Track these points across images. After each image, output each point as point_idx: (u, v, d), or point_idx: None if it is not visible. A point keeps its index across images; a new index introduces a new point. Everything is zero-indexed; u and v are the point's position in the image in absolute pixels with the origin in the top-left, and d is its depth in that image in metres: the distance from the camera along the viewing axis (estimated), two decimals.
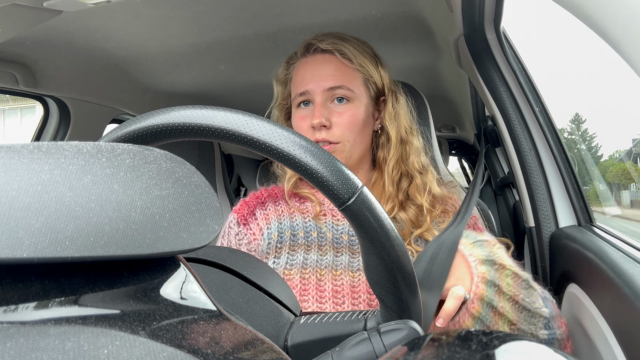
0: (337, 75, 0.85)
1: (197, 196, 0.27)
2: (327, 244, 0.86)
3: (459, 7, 0.94)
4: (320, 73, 0.85)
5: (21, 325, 0.19)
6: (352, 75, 0.86)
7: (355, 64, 0.86)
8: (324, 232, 0.87)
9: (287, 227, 0.89)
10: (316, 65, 0.87)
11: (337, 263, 0.83)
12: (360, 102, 0.86)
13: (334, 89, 0.84)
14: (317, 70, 0.86)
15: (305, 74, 0.87)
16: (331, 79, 0.84)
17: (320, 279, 0.81)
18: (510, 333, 0.26)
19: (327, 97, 0.85)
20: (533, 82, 1.04)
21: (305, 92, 0.86)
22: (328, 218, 0.89)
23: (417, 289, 0.41)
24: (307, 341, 0.45)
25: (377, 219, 0.37)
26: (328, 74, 0.85)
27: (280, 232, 0.88)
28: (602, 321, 0.66)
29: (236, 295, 0.45)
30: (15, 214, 0.20)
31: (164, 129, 0.37)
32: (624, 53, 0.41)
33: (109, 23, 1.18)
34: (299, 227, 0.88)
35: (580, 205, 0.95)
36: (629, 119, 10.74)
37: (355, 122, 0.85)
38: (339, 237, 0.86)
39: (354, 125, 0.85)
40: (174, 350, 0.21)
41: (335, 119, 0.84)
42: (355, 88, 0.86)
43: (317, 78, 0.85)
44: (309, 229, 0.88)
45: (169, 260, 0.27)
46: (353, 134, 0.85)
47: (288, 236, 0.88)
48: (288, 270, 0.83)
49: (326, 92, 0.85)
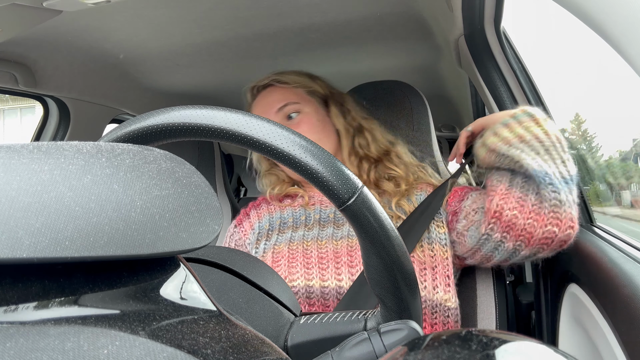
0: (280, 98, 0.98)
1: (197, 196, 0.27)
2: (313, 222, 0.95)
3: (459, 6, 0.94)
4: (267, 102, 0.99)
5: (21, 325, 0.19)
6: (293, 93, 0.99)
7: (292, 83, 0.99)
8: (312, 215, 0.96)
9: (277, 217, 0.99)
10: (263, 99, 1.01)
11: (322, 235, 0.92)
12: (310, 109, 0.99)
13: (282, 108, 0.97)
14: (264, 101, 1.00)
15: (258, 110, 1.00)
16: (276, 102, 0.98)
17: (307, 248, 0.89)
18: (511, 333, 0.26)
19: (280, 118, 0.97)
20: (533, 82, 1.04)
21: None
22: (317, 206, 0.98)
23: (417, 289, 0.41)
24: (307, 341, 0.45)
25: (377, 219, 0.37)
26: (273, 99, 0.99)
27: (271, 222, 0.99)
28: (602, 321, 0.66)
29: (236, 295, 0.45)
30: (15, 214, 0.20)
31: (164, 128, 0.37)
32: (625, 53, 0.41)
33: (109, 23, 1.18)
34: (289, 216, 0.98)
35: (581, 205, 0.94)
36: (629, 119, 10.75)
37: (312, 126, 0.97)
38: (325, 217, 0.95)
39: (312, 130, 0.96)
40: (174, 351, 0.21)
41: None
42: (300, 100, 0.98)
43: (266, 108, 0.99)
44: (298, 214, 0.98)
45: (169, 260, 0.27)
46: (316, 135, 0.96)
47: (278, 224, 0.98)
48: (277, 246, 0.91)
49: (278, 114, 0.97)
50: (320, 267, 0.86)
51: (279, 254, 0.90)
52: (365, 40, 1.34)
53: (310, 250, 0.88)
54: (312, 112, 0.99)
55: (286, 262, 0.87)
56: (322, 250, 0.88)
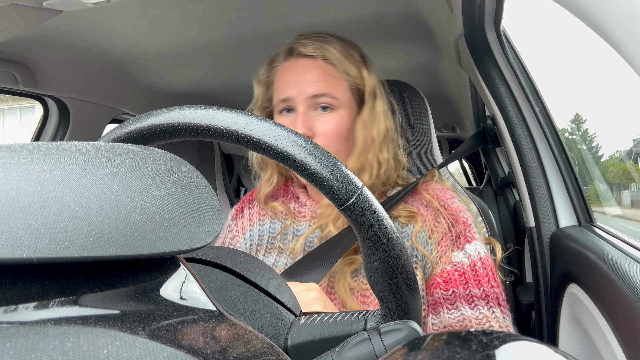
0: (320, 82, 0.80)
1: (197, 196, 0.27)
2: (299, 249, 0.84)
3: (459, 6, 0.94)
4: (303, 79, 0.80)
5: (21, 325, 0.19)
6: (336, 82, 0.81)
7: (340, 70, 0.81)
8: (299, 235, 0.86)
9: (266, 230, 0.91)
10: (299, 71, 0.81)
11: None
12: (345, 111, 0.82)
13: (318, 97, 0.80)
14: (300, 76, 0.81)
15: (287, 80, 0.82)
16: (314, 86, 0.79)
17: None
18: (511, 333, 0.26)
19: (310, 104, 0.80)
20: (533, 82, 1.04)
21: (287, 98, 0.81)
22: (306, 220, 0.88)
23: (417, 289, 0.41)
24: (307, 341, 0.45)
25: (377, 219, 0.37)
26: (311, 80, 0.80)
27: (260, 235, 0.91)
28: (602, 321, 0.66)
29: (236, 295, 0.45)
30: (14, 214, 0.20)
31: (164, 128, 0.37)
32: (624, 53, 0.41)
33: (109, 23, 1.18)
34: (277, 230, 0.90)
35: (581, 205, 0.95)
36: (629, 119, 10.74)
37: (340, 131, 0.81)
38: (312, 240, 0.85)
39: (338, 136, 0.81)
40: (174, 351, 0.21)
41: (319, 128, 0.81)
42: (339, 95, 0.81)
43: (299, 84, 0.80)
44: (287, 231, 0.88)
45: (169, 261, 0.27)
46: (337, 145, 0.81)
47: (266, 239, 0.90)
48: None
49: (309, 100, 0.80)
50: None
51: None
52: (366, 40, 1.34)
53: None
54: (345, 115, 0.82)
55: None
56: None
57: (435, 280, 0.76)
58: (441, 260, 0.76)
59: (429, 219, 0.80)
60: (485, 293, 0.73)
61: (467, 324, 0.72)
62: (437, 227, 0.78)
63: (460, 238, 0.78)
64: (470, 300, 0.73)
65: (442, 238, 0.78)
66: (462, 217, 0.80)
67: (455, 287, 0.74)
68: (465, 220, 0.79)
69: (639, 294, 0.57)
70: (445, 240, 0.77)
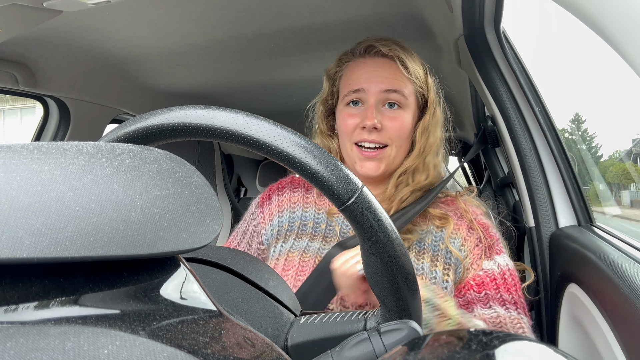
0: (394, 80, 0.86)
1: (197, 196, 0.27)
2: (333, 236, 0.88)
3: (459, 7, 0.94)
4: (378, 74, 0.86)
5: (21, 325, 0.19)
6: (406, 83, 0.87)
7: (412, 73, 0.87)
8: (333, 226, 0.90)
9: (297, 217, 0.93)
10: (375, 67, 0.87)
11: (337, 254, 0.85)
12: (410, 111, 0.88)
13: (389, 92, 0.85)
14: (376, 71, 0.87)
15: (362, 73, 0.87)
16: (389, 82, 0.85)
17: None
18: (511, 333, 0.26)
19: (380, 99, 0.86)
20: (533, 82, 1.04)
21: (360, 89, 0.86)
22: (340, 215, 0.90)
23: (417, 289, 0.41)
24: (307, 341, 0.45)
25: (377, 219, 0.37)
26: (386, 76, 0.86)
27: (290, 222, 0.93)
28: (602, 321, 0.66)
29: (236, 295, 0.45)
30: (15, 214, 0.20)
31: (164, 128, 0.37)
32: (624, 53, 0.41)
33: (109, 23, 1.18)
34: (310, 219, 0.92)
35: (580, 205, 0.95)
36: (629, 119, 10.74)
37: (405, 128, 0.86)
38: (346, 231, 0.89)
39: (403, 132, 0.86)
40: (174, 351, 0.21)
41: (387, 123, 0.85)
42: (408, 95, 0.87)
43: (374, 79, 0.86)
44: (319, 221, 0.92)
45: (169, 260, 0.27)
46: (401, 140, 0.86)
47: (297, 225, 0.92)
48: (291, 253, 0.87)
49: (381, 94, 0.85)
50: None
51: (290, 262, 0.85)
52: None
53: None
54: (409, 115, 0.88)
55: (294, 273, 0.83)
56: None
57: (468, 282, 0.80)
58: (473, 266, 0.82)
59: (463, 228, 0.85)
60: (514, 300, 0.78)
61: (501, 321, 0.75)
62: (470, 236, 0.84)
63: (491, 249, 0.83)
64: (502, 303, 0.78)
65: (474, 247, 0.83)
66: (490, 231, 0.86)
67: (488, 290, 0.79)
68: (493, 234, 0.85)
69: (638, 294, 0.57)
70: (477, 249, 0.83)
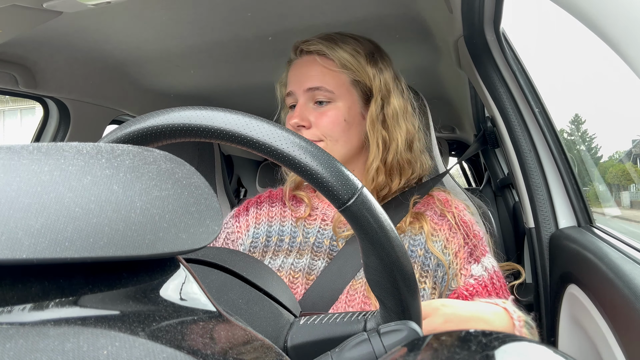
0: (317, 77, 0.84)
1: (197, 197, 0.27)
2: (307, 248, 0.85)
3: (459, 8, 0.94)
4: (301, 73, 0.86)
5: (21, 326, 0.19)
6: (333, 77, 0.84)
7: (339, 65, 0.84)
8: (308, 237, 0.87)
9: (275, 232, 0.90)
10: (300, 67, 0.87)
11: (312, 267, 0.82)
12: (343, 103, 0.84)
13: (313, 90, 0.84)
14: (300, 70, 0.87)
15: (291, 76, 0.88)
16: (310, 80, 0.84)
17: (293, 281, 0.81)
18: (510, 334, 0.26)
19: (308, 97, 0.85)
20: (533, 83, 1.04)
21: (290, 92, 0.87)
22: (317, 222, 0.88)
23: (416, 290, 0.41)
24: (307, 342, 0.45)
25: (377, 219, 0.37)
26: (309, 74, 0.85)
27: (268, 236, 0.90)
28: (602, 322, 0.66)
29: (236, 296, 0.45)
30: (14, 215, 0.20)
31: (164, 129, 0.37)
32: (624, 54, 0.41)
33: (109, 24, 1.18)
34: (287, 232, 0.89)
35: (580, 206, 0.95)
36: (628, 120, 10.75)
37: (337, 122, 0.83)
38: (321, 241, 0.86)
39: (335, 125, 0.83)
40: (174, 352, 0.21)
41: (316, 120, 0.84)
42: (336, 89, 0.84)
43: (299, 78, 0.86)
44: (296, 234, 0.88)
45: (169, 261, 0.27)
46: (336, 133, 0.84)
47: (274, 241, 0.88)
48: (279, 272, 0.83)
49: (306, 93, 0.84)
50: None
51: None
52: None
53: (297, 284, 0.81)
54: (343, 107, 0.84)
55: None
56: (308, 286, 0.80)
57: (461, 293, 0.78)
58: (462, 272, 0.79)
59: (444, 228, 0.82)
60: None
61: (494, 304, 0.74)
62: (454, 237, 0.81)
63: (477, 251, 0.81)
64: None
65: (458, 249, 0.80)
66: (474, 229, 0.83)
67: (481, 297, 0.77)
68: (477, 233, 0.82)
69: (638, 295, 0.57)
70: (462, 252, 0.80)
